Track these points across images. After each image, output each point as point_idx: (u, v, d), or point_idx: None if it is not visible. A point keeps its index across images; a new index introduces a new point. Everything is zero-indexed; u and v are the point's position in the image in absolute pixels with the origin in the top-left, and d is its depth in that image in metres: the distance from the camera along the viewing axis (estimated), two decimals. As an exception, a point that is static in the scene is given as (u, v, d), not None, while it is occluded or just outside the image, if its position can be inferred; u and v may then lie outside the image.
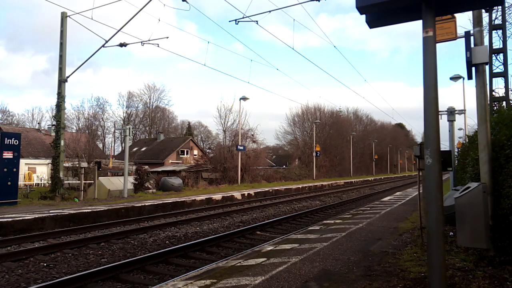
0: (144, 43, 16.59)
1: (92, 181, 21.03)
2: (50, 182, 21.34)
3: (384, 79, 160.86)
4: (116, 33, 16.60)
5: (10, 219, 10.38)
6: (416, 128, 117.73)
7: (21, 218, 10.60)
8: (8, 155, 14.33)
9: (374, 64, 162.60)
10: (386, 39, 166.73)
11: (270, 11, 14.38)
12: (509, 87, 10.94)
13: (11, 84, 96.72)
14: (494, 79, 11.26)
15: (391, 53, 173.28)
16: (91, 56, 19.35)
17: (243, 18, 14.45)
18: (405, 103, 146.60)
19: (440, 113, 13.05)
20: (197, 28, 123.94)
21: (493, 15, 10.87)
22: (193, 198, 17.66)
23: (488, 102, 7.28)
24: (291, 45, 65.36)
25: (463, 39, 6.23)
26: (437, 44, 3.76)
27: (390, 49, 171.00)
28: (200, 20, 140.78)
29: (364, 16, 3.93)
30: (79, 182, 20.20)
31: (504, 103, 11.11)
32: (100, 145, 61.27)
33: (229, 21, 20.04)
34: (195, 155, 51.74)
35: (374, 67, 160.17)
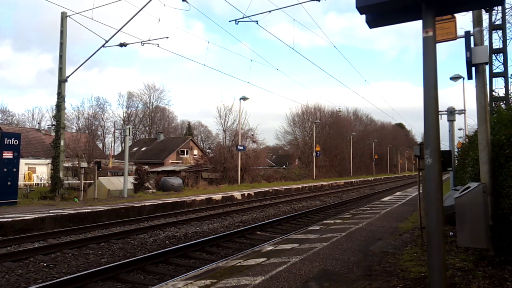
0: (144, 43, 16.58)
1: (92, 181, 21.02)
2: (50, 182, 21.33)
3: (391, 78, 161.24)
4: (116, 33, 16.62)
5: (10, 219, 10.38)
6: (416, 128, 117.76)
7: (21, 218, 10.60)
8: (8, 155, 14.33)
9: (382, 64, 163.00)
10: (395, 38, 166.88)
11: (270, 11, 14.39)
12: (509, 87, 10.94)
13: (15, 84, 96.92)
14: (494, 79, 11.26)
15: (399, 52, 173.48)
16: (90, 56, 19.32)
17: (243, 18, 14.45)
18: (408, 103, 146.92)
19: (440, 113, 13.05)
20: (204, 27, 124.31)
21: (493, 16, 10.87)
22: (193, 198, 17.66)
23: (488, 102, 7.28)
24: (292, 45, 65.35)
25: (463, 39, 6.23)
26: (437, 44, 3.76)
27: (399, 48, 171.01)
28: (207, 19, 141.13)
29: (364, 16, 3.93)
30: (79, 182, 20.21)
31: (502, 103, 11.11)
32: (100, 145, 61.35)
33: (229, 21, 20.03)
34: (195, 155, 51.75)
35: (382, 67, 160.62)
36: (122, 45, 17.33)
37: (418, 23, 3.65)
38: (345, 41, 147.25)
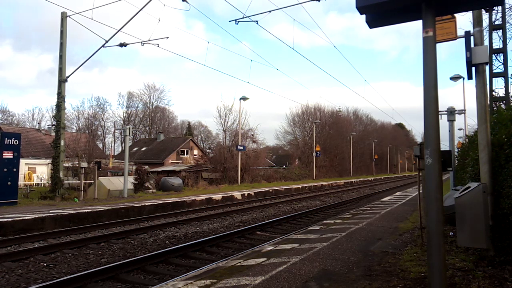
0: (144, 43, 16.58)
1: (92, 181, 21.02)
2: (50, 182, 21.33)
3: (391, 78, 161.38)
4: (116, 33, 16.63)
5: (10, 219, 10.38)
6: (416, 128, 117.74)
7: (21, 218, 10.60)
8: (8, 155, 14.33)
9: (382, 64, 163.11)
10: (396, 38, 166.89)
11: (270, 11, 14.39)
12: (509, 87, 10.94)
13: (15, 84, 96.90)
14: (494, 79, 11.24)
15: (400, 52, 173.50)
16: (90, 56, 19.34)
17: (243, 18, 14.45)
18: (408, 103, 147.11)
19: (440, 113, 13.05)
20: (205, 27, 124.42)
21: (493, 16, 10.85)
22: (193, 198, 17.66)
23: (488, 102, 7.27)
24: (292, 45, 65.37)
25: (463, 39, 6.23)
26: (437, 44, 3.76)
27: (400, 48, 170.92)
28: (208, 19, 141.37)
29: (364, 16, 3.93)
30: (79, 182, 20.20)
31: (502, 103, 11.10)
32: (100, 145, 61.35)
33: (229, 21, 20.04)
34: (195, 155, 51.75)
35: (382, 67, 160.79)
36: (122, 45, 17.33)
37: (419, 23, 3.65)
38: (345, 41, 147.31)
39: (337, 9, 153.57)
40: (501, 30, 10.82)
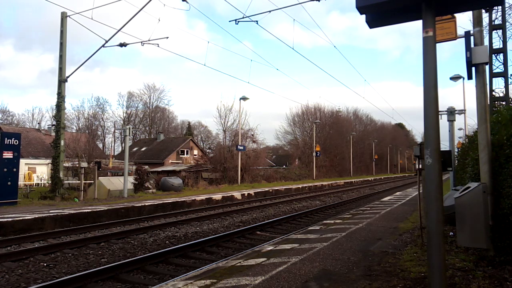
0: (144, 43, 16.58)
1: (92, 181, 21.01)
2: (50, 182, 21.33)
3: (392, 78, 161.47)
4: (116, 33, 16.62)
5: (10, 219, 10.38)
6: (416, 128, 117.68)
7: (21, 218, 10.60)
8: (8, 155, 14.33)
9: (384, 63, 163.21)
10: (398, 38, 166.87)
11: (270, 11, 14.39)
12: (509, 87, 10.93)
13: (16, 83, 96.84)
14: (494, 79, 11.24)
15: (402, 52, 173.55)
16: (90, 57, 19.34)
17: (243, 18, 14.45)
18: (408, 103, 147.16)
19: (440, 113, 13.05)
20: (206, 27, 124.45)
21: (493, 15, 10.85)
22: (193, 198, 17.66)
23: (488, 102, 7.27)
24: (292, 45, 65.36)
25: (463, 39, 6.23)
26: (440, 44, 3.76)
27: (402, 47, 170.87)
28: (209, 19, 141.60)
29: (364, 16, 3.93)
30: (79, 182, 20.20)
31: (502, 103, 11.10)
32: (100, 145, 61.34)
33: (229, 21, 20.05)
34: (195, 155, 51.75)
35: (384, 66, 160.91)
36: (122, 45, 17.33)
37: (420, 23, 3.65)
38: (348, 41, 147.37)
39: (339, 8, 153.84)
40: (501, 30, 10.82)
